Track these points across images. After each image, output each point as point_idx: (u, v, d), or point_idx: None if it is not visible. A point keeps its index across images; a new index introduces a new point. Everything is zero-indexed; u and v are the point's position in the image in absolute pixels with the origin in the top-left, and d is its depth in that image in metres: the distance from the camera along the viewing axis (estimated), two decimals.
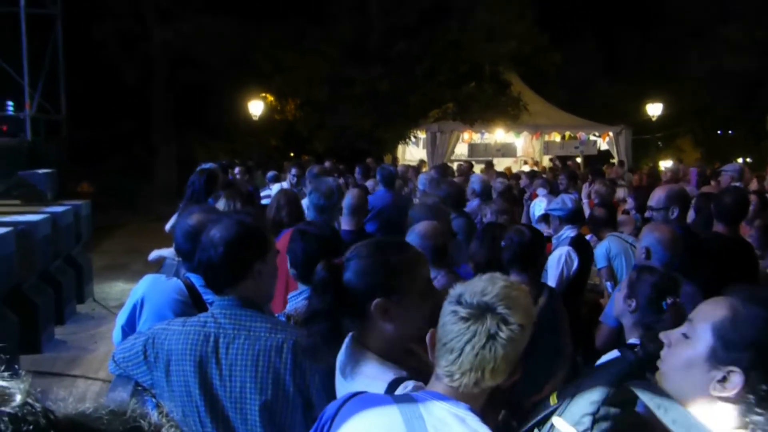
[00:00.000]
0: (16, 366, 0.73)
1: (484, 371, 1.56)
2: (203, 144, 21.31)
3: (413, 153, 22.65)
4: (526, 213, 7.27)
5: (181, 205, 5.74)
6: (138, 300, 3.06)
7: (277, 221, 4.99)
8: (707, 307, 1.55)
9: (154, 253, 5.02)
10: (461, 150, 21.58)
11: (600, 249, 5.06)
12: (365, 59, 19.29)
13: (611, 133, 21.13)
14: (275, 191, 7.03)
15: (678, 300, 2.86)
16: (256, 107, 21.79)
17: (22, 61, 16.04)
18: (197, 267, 2.40)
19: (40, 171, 11.15)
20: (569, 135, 21.58)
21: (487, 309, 1.57)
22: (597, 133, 21.58)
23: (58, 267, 8.64)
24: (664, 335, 1.64)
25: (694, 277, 3.44)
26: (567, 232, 5.09)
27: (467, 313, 1.58)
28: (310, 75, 19.48)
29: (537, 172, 13.30)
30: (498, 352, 1.55)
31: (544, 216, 5.64)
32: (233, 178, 9.47)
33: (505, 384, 1.63)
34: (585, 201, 7.58)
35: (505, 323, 1.55)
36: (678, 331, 1.59)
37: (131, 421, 0.75)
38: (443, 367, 1.61)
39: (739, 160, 21.15)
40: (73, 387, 6.16)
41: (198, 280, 3.03)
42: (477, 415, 1.58)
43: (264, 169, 13.57)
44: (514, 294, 1.60)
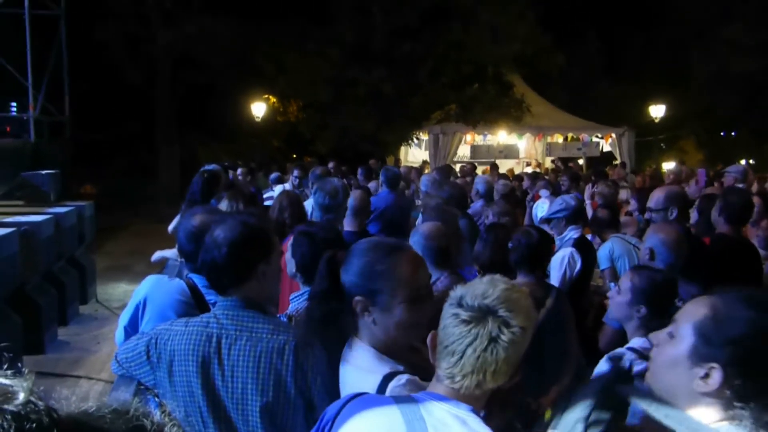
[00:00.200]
0: (19, 365, 0.73)
1: (485, 373, 1.56)
2: (206, 145, 21.33)
3: (416, 154, 22.65)
4: (528, 215, 7.26)
5: (183, 206, 5.75)
6: (140, 301, 3.06)
7: (280, 223, 5.00)
8: (690, 307, 1.58)
9: (156, 254, 5.03)
10: (464, 152, 21.57)
11: (603, 250, 5.05)
12: (368, 61, 19.30)
13: (614, 135, 21.09)
14: (278, 193, 7.03)
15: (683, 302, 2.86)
16: (258, 109, 21.80)
17: (25, 63, 16.09)
18: (200, 268, 2.40)
19: (43, 172, 11.15)
20: (572, 137, 21.54)
21: (489, 312, 1.57)
22: (600, 135, 21.53)
23: (61, 268, 8.66)
24: (653, 336, 1.68)
25: (697, 278, 3.43)
26: (570, 233, 5.09)
27: (468, 316, 1.58)
28: (312, 76, 19.50)
29: (539, 173, 13.29)
30: (499, 354, 1.55)
31: (547, 218, 5.63)
32: (233, 178, 9.47)
33: (506, 386, 1.63)
34: (588, 202, 7.57)
35: (507, 326, 1.56)
36: (664, 331, 1.62)
37: (134, 420, 0.75)
38: (444, 369, 1.61)
39: (742, 161, 21.12)
40: (76, 388, 6.17)
41: (201, 280, 3.03)
42: (478, 417, 1.59)
43: (266, 171, 13.57)
44: (515, 297, 1.61)
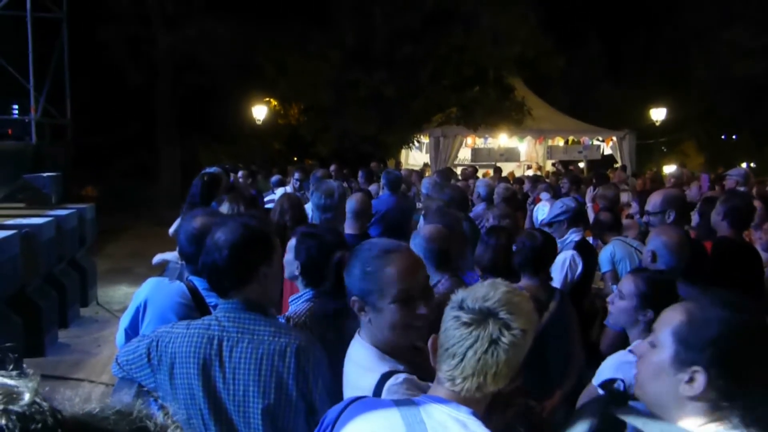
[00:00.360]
0: (24, 365, 0.73)
1: (486, 376, 1.56)
2: (207, 148, 21.34)
3: (416, 157, 22.66)
4: (529, 218, 7.27)
5: (184, 209, 5.75)
6: (141, 303, 3.05)
7: (281, 225, 5.00)
8: (666, 315, 1.60)
9: (157, 257, 5.03)
10: (464, 154, 21.56)
11: (605, 253, 5.04)
12: (369, 63, 19.32)
13: (615, 138, 21.08)
14: (279, 195, 7.03)
15: None
16: (259, 111, 21.82)
17: (27, 65, 16.09)
18: (201, 270, 2.39)
19: (44, 174, 11.18)
20: (573, 140, 21.53)
21: (489, 314, 1.58)
22: (600, 138, 21.51)
23: (62, 270, 8.66)
24: (635, 347, 1.71)
25: (700, 282, 3.43)
26: (571, 236, 5.09)
27: (469, 319, 1.59)
28: (313, 79, 19.51)
29: (540, 176, 13.29)
30: (500, 357, 1.55)
31: (548, 222, 5.63)
32: (233, 181, 9.45)
33: (507, 388, 1.63)
34: (589, 205, 7.57)
35: (507, 328, 1.56)
36: (645, 342, 1.64)
37: (137, 422, 0.76)
38: (445, 372, 1.61)
39: (743, 164, 21.11)
40: (77, 390, 6.15)
41: (201, 283, 3.03)
42: (479, 419, 1.58)
43: (266, 173, 13.57)
44: (516, 299, 1.61)
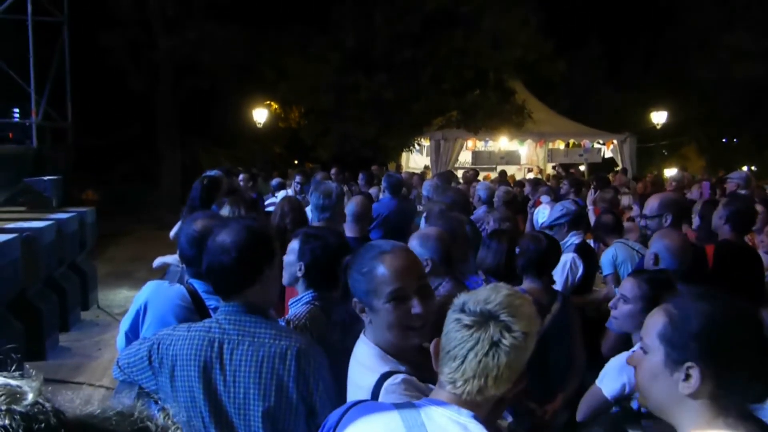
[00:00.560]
0: (26, 366, 0.74)
1: (487, 379, 1.56)
2: (208, 151, 21.36)
3: (417, 161, 22.68)
4: (530, 221, 7.27)
5: (184, 212, 5.75)
6: (141, 306, 3.05)
7: (281, 228, 5.00)
8: (649, 321, 1.63)
9: (158, 260, 5.04)
10: (465, 158, 21.57)
11: (606, 256, 5.04)
12: (369, 66, 19.34)
13: (615, 141, 21.10)
14: (280, 199, 7.03)
15: None
16: (260, 115, 21.84)
17: (28, 69, 16.13)
18: (207, 272, 2.38)
19: (45, 178, 11.18)
20: (573, 143, 21.54)
21: (490, 317, 1.58)
22: (601, 141, 21.52)
23: (62, 274, 8.66)
24: (630, 359, 1.73)
25: (700, 284, 3.43)
26: (572, 238, 5.09)
27: (470, 321, 1.59)
28: (314, 82, 19.54)
29: (540, 179, 13.29)
30: (501, 359, 1.55)
31: (549, 225, 5.62)
32: (234, 183, 9.45)
33: (510, 393, 1.63)
34: (590, 208, 7.57)
35: (509, 331, 1.56)
36: (638, 350, 1.66)
37: (138, 423, 0.76)
38: (446, 375, 1.61)
39: (744, 168, 21.12)
40: (78, 394, 6.15)
41: (201, 286, 3.03)
42: (481, 424, 1.58)
43: (267, 177, 13.58)
44: (517, 302, 1.61)
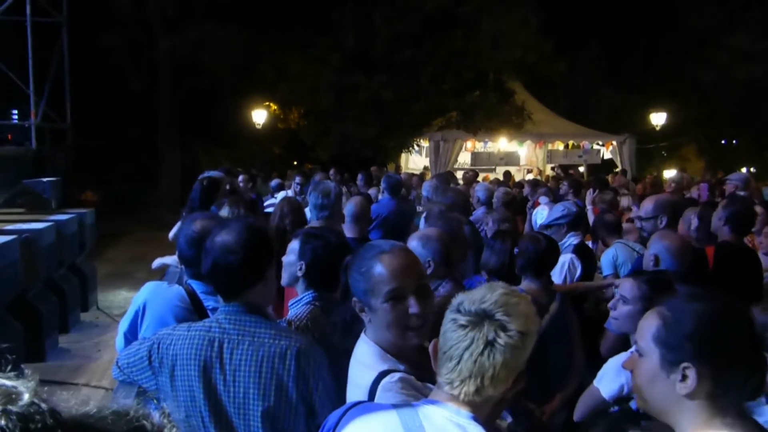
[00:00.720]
0: (22, 366, 0.74)
1: (483, 378, 1.55)
2: (207, 152, 21.36)
3: (416, 161, 22.69)
4: (528, 221, 7.27)
5: (184, 213, 5.75)
6: (139, 307, 3.06)
7: (281, 229, 5.01)
8: (643, 324, 1.64)
9: (157, 261, 5.04)
10: (464, 158, 21.57)
11: (607, 256, 5.02)
12: (369, 67, 19.35)
13: (615, 142, 21.10)
14: (280, 199, 7.03)
15: None
16: (259, 115, 21.85)
17: (27, 70, 16.09)
18: (211, 272, 2.37)
19: (44, 179, 11.15)
20: (572, 144, 21.54)
21: (485, 316, 1.57)
22: (600, 142, 21.52)
23: (62, 275, 8.66)
24: (626, 364, 1.78)
25: (699, 285, 3.43)
26: (570, 239, 5.09)
27: (466, 320, 1.58)
28: (314, 83, 19.55)
29: (539, 180, 13.29)
30: (496, 359, 1.54)
31: (548, 224, 5.62)
32: (233, 184, 9.45)
33: (509, 393, 1.62)
34: (589, 207, 7.57)
35: (504, 330, 1.55)
36: (633, 354, 1.69)
37: (134, 422, 0.76)
38: (444, 375, 1.61)
39: (743, 169, 21.12)
40: (77, 394, 6.15)
41: (200, 286, 3.03)
42: (479, 425, 1.57)
43: (266, 177, 13.58)
44: (513, 301, 1.60)
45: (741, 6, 24.59)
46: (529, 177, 16.93)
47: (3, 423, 0.66)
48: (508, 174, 15.11)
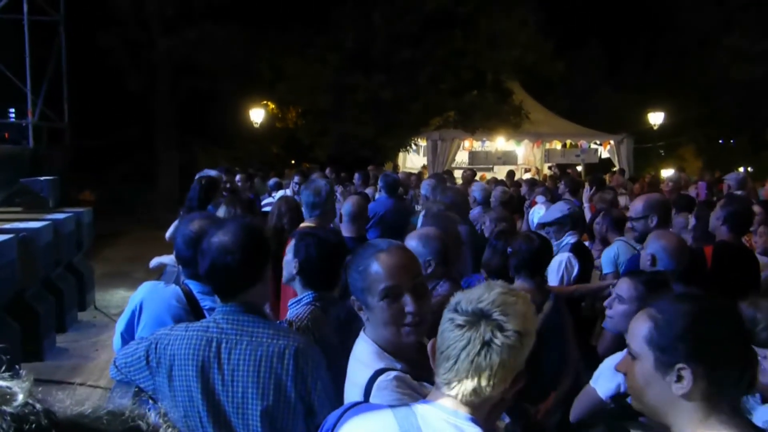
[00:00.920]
0: (17, 366, 0.73)
1: (480, 379, 1.54)
2: (205, 151, 21.34)
3: (414, 161, 22.70)
4: (526, 221, 7.28)
5: (182, 213, 5.75)
6: (136, 307, 3.06)
7: (278, 228, 5.01)
8: (634, 327, 1.64)
9: (155, 261, 5.04)
10: (462, 158, 21.59)
11: (608, 254, 5.00)
12: (368, 67, 19.35)
13: (612, 142, 21.13)
14: (278, 198, 7.03)
15: None
16: (257, 115, 21.84)
17: (24, 68, 16.05)
18: (209, 273, 2.36)
19: (42, 178, 11.14)
20: (570, 143, 21.56)
21: (482, 316, 1.55)
22: (598, 142, 21.55)
23: (59, 274, 8.64)
24: (618, 366, 1.74)
25: (697, 285, 3.44)
26: (567, 238, 5.09)
27: (463, 320, 1.57)
28: (312, 82, 19.54)
29: (536, 180, 13.30)
30: (493, 359, 1.53)
31: (546, 223, 5.61)
32: (231, 184, 9.44)
33: (508, 394, 1.61)
34: (586, 205, 7.57)
35: (501, 330, 1.53)
36: (626, 357, 1.67)
37: (130, 422, 0.76)
38: (441, 375, 1.60)
39: (740, 169, 21.13)
40: (74, 395, 6.14)
41: (196, 286, 3.03)
42: (478, 426, 1.56)
43: (264, 176, 13.57)
44: (510, 300, 1.58)
45: (740, 6, 24.62)
46: (527, 176, 16.94)
47: None
48: (512, 173, 15.16)
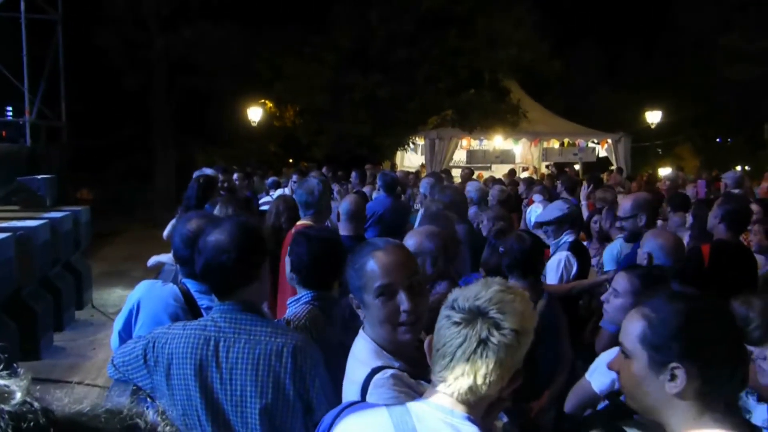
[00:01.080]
0: (15, 365, 0.73)
1: (476, 377, 1.52)
2: (203, 150, 21.33)
3: (412, 159, 22.71)
4: (523, 219, 7.28)
5: (179, 211, 5.74)
6: (133, 305, 3.05)
7: (276, 227, 5.01)
8: (627, 325, 1.63)
9: (152, 259, 5.04)
10: (460, 156, 21.60)
11: (610, 251, 5.00)
12: (365, 66, 19.35)
13: (610, 141, 21.15)
14: (275, 197, 7.03)
15: None
16: (255, 114, 21.83)
17: (22, 67, 16.01)
18: (205, 272, 2.36)
19: (39, 177, 11.12)
20: (568, 142, 21.59)
21: (479, 313, 1.54)
22: (596, 140, 21.58)
23: (57, 273, 8.62)
24: (611, 364, 1.73)
25: (694, 283, 3.45)
26: (566, 237, 5.09)
27: (459, 318, 1.55)
28: (310, 81, 19.53)
29: (534, 179, 13.31)
30: (489, 357, 1.51)
31: (543, 222, 5.61)
32: (228, 183, 9.43)
33: (506, 393, 1.59)
34: (584, 203, 7.57)
35: (497, 328, 1.51)
36: (620, 356, 1.66)
37: (128, 420, 0.76)
38: (437, 373, 1.59)
39: (737, 168, 21.17)
40: (72, 393, 6.13)
41: (194, 285, 3.02)
42: (474, 425, 1.55)
43: (262, 175, 13.56)
44: (508, 298, 1.56)
45: (737, 6, 24.66)
46: (524, 175, 16.96)
47: None
48: (513, 172, 15.19)
